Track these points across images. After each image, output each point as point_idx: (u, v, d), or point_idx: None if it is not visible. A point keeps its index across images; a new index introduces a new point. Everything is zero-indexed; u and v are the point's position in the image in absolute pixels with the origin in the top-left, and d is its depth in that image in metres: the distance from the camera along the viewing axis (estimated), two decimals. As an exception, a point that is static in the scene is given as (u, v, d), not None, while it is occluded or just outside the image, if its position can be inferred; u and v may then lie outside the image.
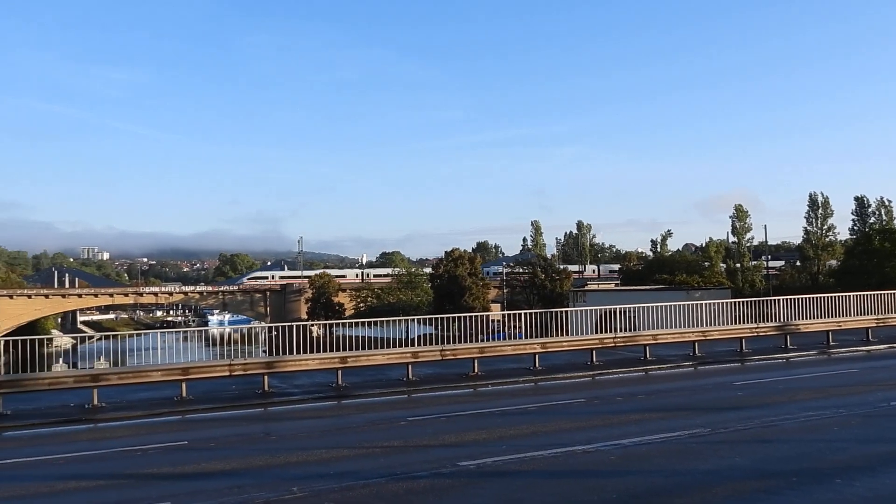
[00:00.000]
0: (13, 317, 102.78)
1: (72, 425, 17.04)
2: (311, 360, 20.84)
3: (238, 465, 11.86)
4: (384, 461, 11.81)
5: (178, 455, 13.21)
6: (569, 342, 24.42)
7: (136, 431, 15.98)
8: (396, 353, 22.20)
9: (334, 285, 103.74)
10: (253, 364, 20.63)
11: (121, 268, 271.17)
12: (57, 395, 19.06)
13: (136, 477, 11.52)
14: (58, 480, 11.35)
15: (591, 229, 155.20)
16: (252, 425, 16.71)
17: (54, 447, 14.49)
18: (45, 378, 18.97)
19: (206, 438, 14.80)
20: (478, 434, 13.76)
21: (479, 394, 20.10)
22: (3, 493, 10.85)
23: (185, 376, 19.32)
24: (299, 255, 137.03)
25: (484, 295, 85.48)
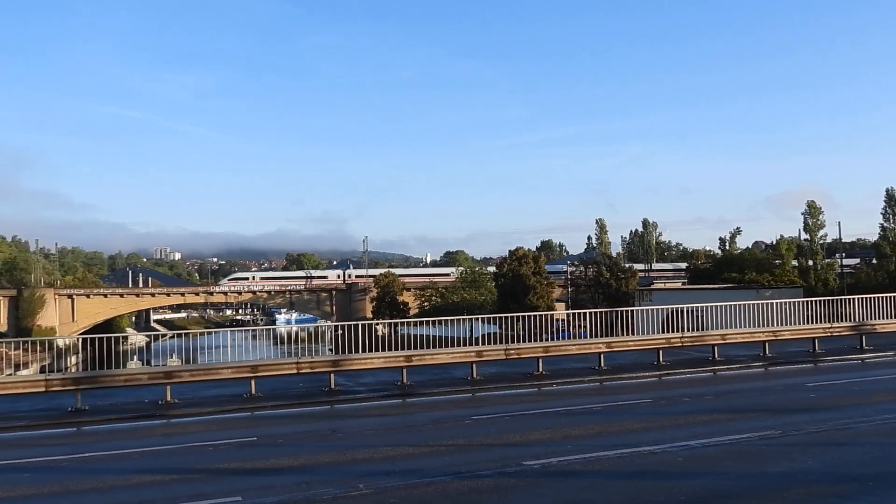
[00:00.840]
0: (90, 315, 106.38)
1: (146, 420, 17.56)
2: (377, 358, 21.05)
3: (306, 462, 12.06)
4: (449, 459, 11.86)
5: (248, 451, 13.50)
6: (635, 342, 24.12)
7: (208, 427, 16.39)
8: (461, 352, 22.26)
9: (399, 284, 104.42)
10: (319, 362, 20.93)
11: (192, 268, 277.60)
12: (132, 391, 19.65)
13: (208, 472, 11.82)
14: (133, 474, 11.73)
15: (657, 227, 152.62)
16: (319, 422, 16.97)
17: (130, 441, 14.97)
18: (120, 375, 19.60)
19: (275, 435, 15.08)
20: (542, 433, 13.71)
21: (543, 393, 20.01)
22: (82, 485, 11.27)
23: (254, 374, 19.70)
24: (364, 255, 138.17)
25: (548, 294, 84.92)
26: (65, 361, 68.24)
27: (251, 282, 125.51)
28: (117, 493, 10.66)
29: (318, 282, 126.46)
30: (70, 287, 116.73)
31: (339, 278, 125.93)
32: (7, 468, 12.73)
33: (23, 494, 10.81)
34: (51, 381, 18.41)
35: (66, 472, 12.32)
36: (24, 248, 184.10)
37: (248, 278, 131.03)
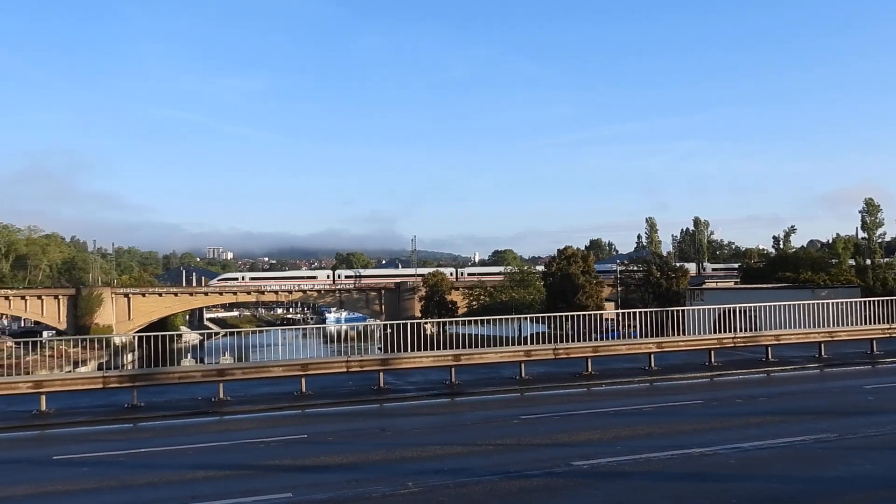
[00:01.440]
0: (145, 314, 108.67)
1: (200, 417, 17.88)
2: (425, 357, 21.12)
3: (355, 460, 12.17)
4: (497, 459, 11.86)
5: (299, 448, 13.68)
6: (685, 342, 23.80)
7: (259, 424, 16.63)
8: (509, 352, 22.22)
9: (447, 283, 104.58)
10: (369, 361, 21.09)
11: (243, 267, 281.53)
12: (186, 388, 20.02)
13: (260, 468, 12.01)
14: (187, 469, 11.96)
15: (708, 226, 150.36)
16: (368, 421, 17.09)
17: (184, 437, 15.26)
18: (175, 372, 19.99)
19: (325, 433, 15.24)
20: (591, 434, 13.62)
21: (592, 393, 19.87)
22: (138, 480, 11.53)
23: (304, 372, 19.92)
24: (412, 254, 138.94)
25: (597, 293, 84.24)
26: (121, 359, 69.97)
27: (241, 282, 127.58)
28: (172, 488, 10.88)
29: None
30: (126, 286, 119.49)
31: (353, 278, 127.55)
32: (68, 462, 13.10)
33: (82, 488, 11.12)
34: (108, 378, 18.87)
35: (123, 467, 12.63)
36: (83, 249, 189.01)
37: (237, 278, 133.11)
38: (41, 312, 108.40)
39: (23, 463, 13.43)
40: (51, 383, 18.75)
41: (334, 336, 75.43)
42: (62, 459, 13.37)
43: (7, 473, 12.50)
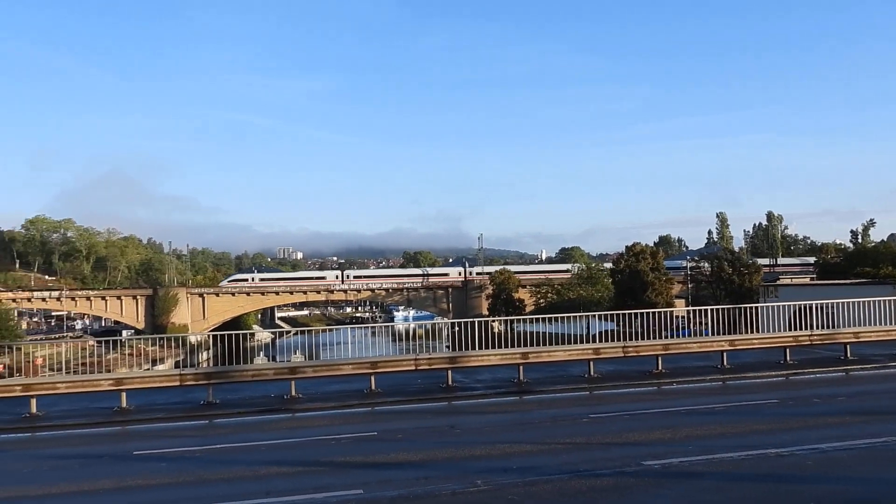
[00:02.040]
0: (219, 313, 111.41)
1: (272, 414, 18.25)
2: (493, 355, 21.12)
3: (425, 457, 12.25)
4: (567, 458, 11.79)
5: (369, 445, 13.84)
6: (759, 339, 23.24)
7: (330, 421, 16.87)
8: (577, 350, 22.05)
9: (514, 281, 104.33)
10: (437, 359, 21.19)
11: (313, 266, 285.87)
12: (259, 385, 20.43)
13: (331, 465, 12.20)
14: (261, 466, 12.23)
15: (781, 220, 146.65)
16: (437, 418, 17.18)
17: (257, 434, 15.60)
18: (248, 370, 20.43)
19: (394, 430, 15.38)
20: (662, 433, 13.43)
21: (663, 392, 19.58)
22: (214, 475, 11.85)
23: (373, 370, 20.14)
24: (479, 252, 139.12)
25: (667, 290, 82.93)
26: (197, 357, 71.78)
27: (251, 283, 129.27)
28: (247, 484, 11.14)
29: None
30: (200, 286, 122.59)
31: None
32: (147, 458, 13.53)
33: (161, 483, 11.47)
34: (185, 375, 19.41)
35: (199, 463, 12.98)
36: (159, 250, 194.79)
37: (246, 279, 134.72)
38: (120, 312, 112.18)
39: (105, 458, 13.92)
40: (130, 381, 19.40)
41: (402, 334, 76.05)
42: (142, 455, 13.82)
43: (91, 468, 13.00)
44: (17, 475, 12.61)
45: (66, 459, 13.82)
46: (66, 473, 12.54)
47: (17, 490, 11.40)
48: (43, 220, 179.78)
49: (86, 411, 18.70)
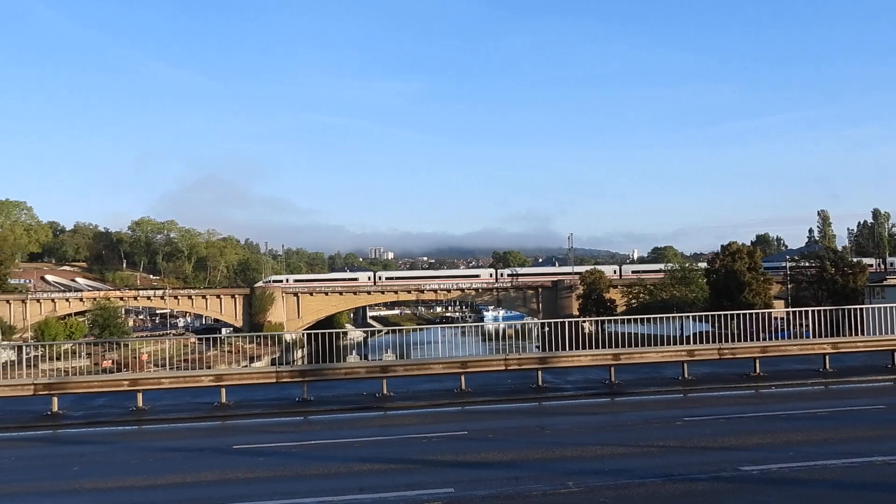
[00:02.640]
0: (313, 312, 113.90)
1: (365, 412, 18.56)
2: (584, 356, 20.92)
3: (515, 457, 12.25)
4: (660, 461, 11.60)
5: (459, 444, 13.92)
6: (865, 342, 22.24)
7: (421, 420, 17.04)
8: (671, 351, 21.62)
9: (605, 282, 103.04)
10: (527, 359, 21.12)
11: (403, 266, 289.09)
12: (351, 384, 20.81)
13: (422, 462, 12.33)
14: (355, 462, 12.47)
15: (889, 218, 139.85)
16: (527, 419, 17.15)
17: (351, 431, 15.91)
18: (341, 368, 20.84)
19: (485, 430, 15.42)
20: (761, 438, 13.04)
21: (760, 395, 19.00)
22: (309, 470, 12.15)
23: (463, 370, 20.23)
24: (569, 252, 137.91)
25: (765, 291, 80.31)
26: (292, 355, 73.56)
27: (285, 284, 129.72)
28: (341, 480, 11.38)
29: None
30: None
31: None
32: (246, 452, 13.97)
33: (260, 476, 11.84)
34: (280, 373, 19.94)
35: (295, 458, 13.33)
36: (256, 250, 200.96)
37: (281, 281, 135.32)
38: (220, 310, 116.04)
39: (207, 451, 14.44)
40: (229, 377, 20.09)
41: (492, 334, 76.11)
42: (241, 449, 14.28)
43: (194, 460, 13.52)
44: (126, 466, 13.24)
45: (171, 452, 14.42)
46: (170, 465, 13.09)
47: (126, 480, 11.97)
48: (148, 222, 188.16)
49: (188, 406, 19.43)
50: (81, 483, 11.92)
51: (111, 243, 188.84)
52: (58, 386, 19.25)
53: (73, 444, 16.04)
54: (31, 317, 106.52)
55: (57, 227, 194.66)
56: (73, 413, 18.98)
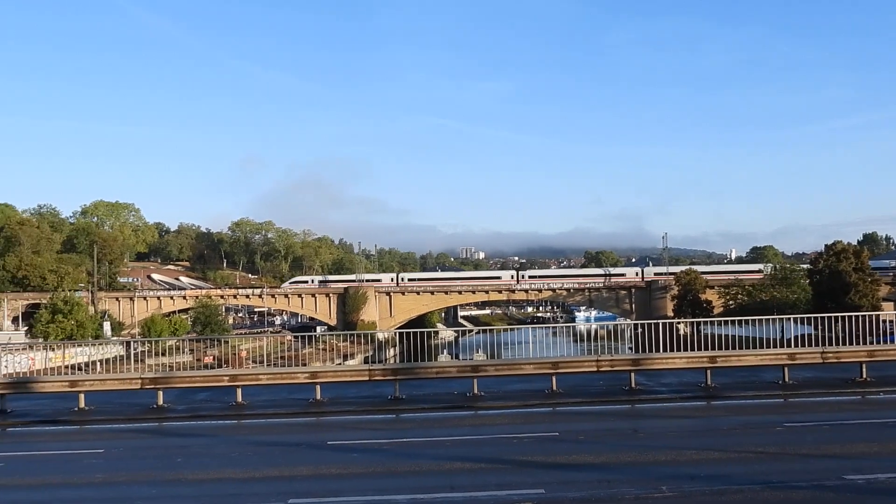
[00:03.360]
0: (405, 311, 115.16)
1: (456, 411, 18.66)
2: (678, 358, 20.48)
3: (606, 460, 12.11)
4: (758, 467, 11.26)
5: (550, 445, 13.85)
6: (983, 347, 20.99)
7: (512, 420, 17.02)
8: (770, 354, 20.93)
9: (701, 282, 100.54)
10: (619, 361, 20.82)
11: (495, 266, 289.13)
12: (442, 383, 20.96)
13: (512, 463, 12.32)
14: (446, 460, 12.56)
15: None
16: (619, 421, 16.92)
17: (442, 430, 16.03)
18: (433, 367, 21.02)
19: (576, 431, 15.29)
20: (867, 446, 12.48)
21: (868, 402, 18.18)
22: (401, 467, 12.32)
23: (554, 370, 20.09)
24: (664, 252, 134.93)
25: (872, 292, 76.78)
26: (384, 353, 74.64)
27: (309, 285, 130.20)
28: (432, 477, 11.49)
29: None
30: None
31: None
32: (340, 448, 14.26)
33: (354, 473, 12.08)
34: (373, 371, 20.26)
35: (387, 455, 13.54)
36: (349, 250, 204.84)
37: (307, 281, 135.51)
38: (314, 309, 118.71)
39: (302, 446, 14.81)
40: (324, 374, 20.56)
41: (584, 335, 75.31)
42: (335, 445, 14.58)
43: (290, 455, 13.89)
44: (226, 458, 13.72)
45: (268, 446, 14.84)
46: (267, 459, 13.48)
47: (226, 472, 12.41)
48: (247, 223, 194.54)
49: (285, 402, 19.96)
50: (185, 474, 12.42)
51: (212, 243, 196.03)
52: (163, 381, 20.09)
53: (176, 437, 16.75)
54: (139, 314, 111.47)
55: (162, 228, 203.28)
56: (177, 407, 19.77)
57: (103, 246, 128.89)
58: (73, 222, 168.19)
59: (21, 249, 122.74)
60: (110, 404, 20.06)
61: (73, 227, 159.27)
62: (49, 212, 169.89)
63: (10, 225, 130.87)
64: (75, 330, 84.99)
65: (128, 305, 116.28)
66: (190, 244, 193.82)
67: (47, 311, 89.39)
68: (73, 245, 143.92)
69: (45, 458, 14.59)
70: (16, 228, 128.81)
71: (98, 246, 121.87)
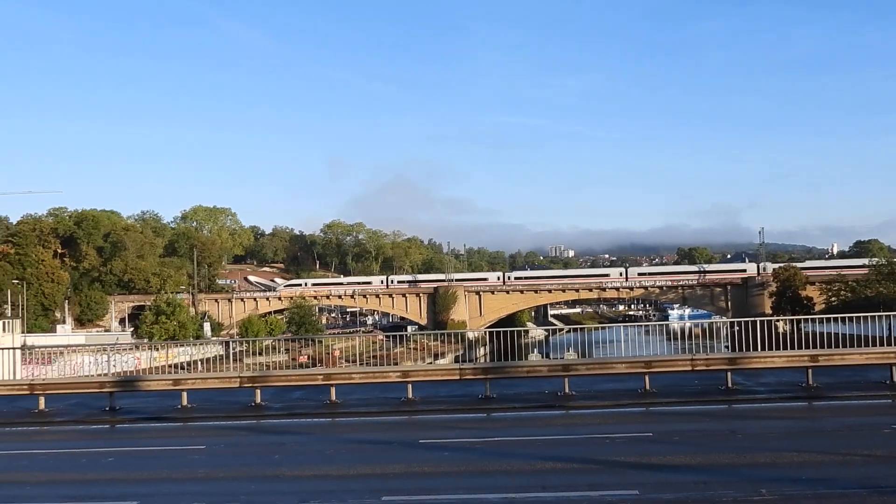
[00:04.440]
0: (494, 310, 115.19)
1: (547, 410, 18.57)
2: (777, 357, 19.84)
3: (702, 461, 11.84)
4: (865, 471, 10.82)
5: (644, 446, 13.63)
6: None
7: (604, 420, 16.83)
8: (877, 353, 20.04)
9: (801, 278, 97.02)
10: (715, 360, 20.31)
11: (584, 264, 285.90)
12: (533, 382, 20.87)
13: (605, 463, 12.19)
14: (537, 460, 12.51)
15: None
16: (715, 422, 16.51)
17: (533, 430, 15.99)
18: (523, 366, 20.96)
19: (670, 432, 15.01)
20: (984, 450, 11.82)
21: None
22: (492, 466, 12.33)
23: (647, 370, 19.74)
24: (760, 247, 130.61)
25: None
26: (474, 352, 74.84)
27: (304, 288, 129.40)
28: (524, 477, 11.47)
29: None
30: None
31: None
32: (431, 446, 14.39)
33: (445, 471, 12.17)
34: (464, 370, 20.35)
35: (479, 454, 13.58)
36: (438, 250, 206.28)
37: (301, 284, 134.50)
38: (405, 309, 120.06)
39: (395, 444, 15.01)
40: (415, 374, 20.75)
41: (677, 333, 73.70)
42: (427, 443, 14.72)
43: (383, 453, 14.10)
44: (321, 456, 14.04)
45: (361, 444, 15.11)
46: (361, 456, 13.73)
47: (322, 469, 12.71)
48: (338, 225, 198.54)
49: (377, 400, 20.25)
50: (282, 470, 12.77)
51: (305, 245, 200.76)
52: (260, 379, 20.69)
53: (274, 434, 17.23)
54: (236, 314, 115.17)
55: (258, 231, 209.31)
56: (274, 405, 20.32)
57: (202, 249, 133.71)
58: (173, 227, 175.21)
59: (126, 254, 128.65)
60: (211, 402, 20.78)
61: (174, 232, 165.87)
62: (151, 217, 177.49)
63: (116, 231, 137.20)
64: (177, 330, 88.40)
65: (226, 306, 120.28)
66: (284, 246, 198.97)
67: (151, 312, 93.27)
68: (174, 249, 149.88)
69: (151, 454, 15.26)
70: (121, 234, 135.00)
71: (197, 249, 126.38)
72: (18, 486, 12.31)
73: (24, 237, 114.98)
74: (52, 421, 19.78)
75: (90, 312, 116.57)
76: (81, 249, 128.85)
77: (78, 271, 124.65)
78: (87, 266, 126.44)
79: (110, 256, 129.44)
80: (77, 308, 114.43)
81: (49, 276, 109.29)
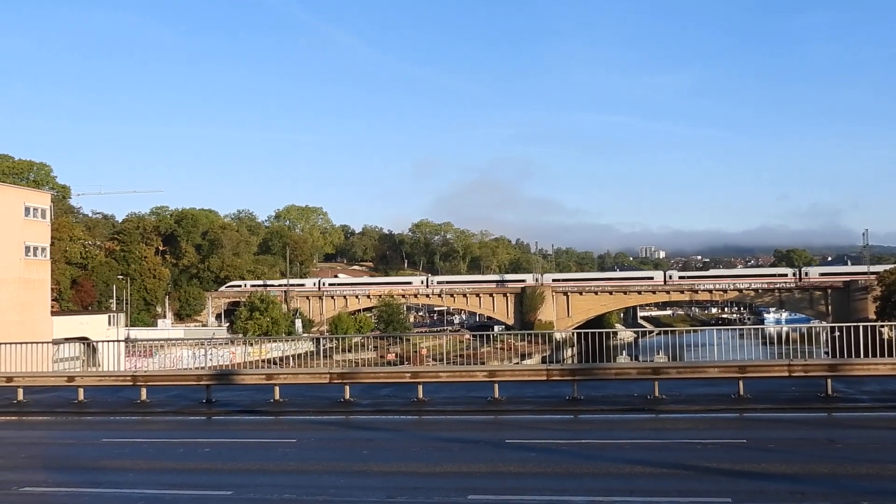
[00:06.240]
0: (583, 311, 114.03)
1: (636, 414, 18.24)
2: (882, 364, 18.97)
3: (799, 470, 11.43)
4: (976, 486, 10.23)
5: (737, 452, 13.25)
6: None
7: (695, 425, 16.44)
8: None
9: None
10: (814, 366, 19.56)
11: (675, 266, 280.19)
12: (621, 384, 20.53)
13: (697, 469, 11.89)
14: (625, 464, 12.32)
15: None
16: (814, 430, 15.90)
17: (621, 433, 15.75)
18: (612, 368, 20.67)
19: (765, 439, 14.53)
20: None
21: None
22: (579, 469, 12.25)
23: (741, 374, 19.16)
24: (864, 249, 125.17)
25: None
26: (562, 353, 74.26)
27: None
28: (611, 480, 11.33)
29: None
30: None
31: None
32: (517, 447, 14.35)
33: (531, 472, 12.12)
34: (551, 371, 20.21)
35: (565, 455, 13.48)
36: (526, 250, 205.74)
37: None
38: (492, 308, 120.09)
39: (480, 444, 15.03)
40: (502, 373, 20.72)
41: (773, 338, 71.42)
42: (513, 444, 14.69)
43: (469, 452, 14.14)
44: (409, 453, 14.18)
45: (447, 442, 15.19)
46: (447, 455, 13.80)
47: (409, 466, 12.85)
48: (426, 224, 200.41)
49: (463, 399, 20.32)
50: (370, 466, 12.95)
51: (394, 244, 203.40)
52: (349, 376, 21.06)
53: (362, 430, 17.50)
54: (327, 312, 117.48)
55: (348, 230, 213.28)
56: (362, 401, 20.64)
57: (295, 247, 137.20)
58: (267, 226, 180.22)
59: (223, 251, 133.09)
60: (302, 397, 21.27)
61: (268, 231, 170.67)
62: (247, 216, 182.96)
63: (214, 229, 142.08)
64: (270, 326, 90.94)
65: (317, 304, 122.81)
66: (373, 245, 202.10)
67: (246, 308, 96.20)
68: (268, 247, 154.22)
69: (245, 445, 15.73)
70: (218, 232, 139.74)
71: (290, 248, 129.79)
72: (122, 473, 12.89)
73: (129, 235, 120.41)
74: (153, 411, 20.63)
75: (188, 308, 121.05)
76: (181, 247, 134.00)
77: (178, 267, 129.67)
78: (186, 263, 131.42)
79: (208, 254, 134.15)
80: (176, 303, 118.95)
81: (151, 272, 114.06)
